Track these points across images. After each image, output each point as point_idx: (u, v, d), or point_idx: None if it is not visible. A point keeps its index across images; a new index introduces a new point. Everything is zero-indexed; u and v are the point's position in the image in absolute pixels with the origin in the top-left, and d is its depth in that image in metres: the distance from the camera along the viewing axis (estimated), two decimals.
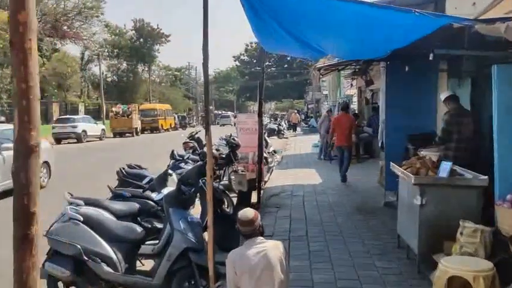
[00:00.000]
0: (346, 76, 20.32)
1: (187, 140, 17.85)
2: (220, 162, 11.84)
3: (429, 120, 8.39)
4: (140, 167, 8.99)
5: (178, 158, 10.08)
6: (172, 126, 49.03)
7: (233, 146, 11.61)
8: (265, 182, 12.32)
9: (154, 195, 6.55)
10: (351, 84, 19.42)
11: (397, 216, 6.99)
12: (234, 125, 13.88)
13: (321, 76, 19.34)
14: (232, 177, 10.38)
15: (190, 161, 9.21)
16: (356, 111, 17.98)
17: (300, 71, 69.75)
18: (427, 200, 4.81)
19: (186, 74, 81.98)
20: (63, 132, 30.01)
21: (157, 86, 65.47)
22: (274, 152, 19.63)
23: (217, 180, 11.73)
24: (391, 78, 8.50)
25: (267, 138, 19.08)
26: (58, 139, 29.44)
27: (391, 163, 5.81)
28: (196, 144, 17.72)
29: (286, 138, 33.65)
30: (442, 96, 6.70)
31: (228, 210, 8.15)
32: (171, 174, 6.75)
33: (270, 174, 13.77)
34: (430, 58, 5.63)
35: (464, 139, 6.12)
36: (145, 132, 43.57)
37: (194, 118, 66.78)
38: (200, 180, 7.09)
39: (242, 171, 11.70)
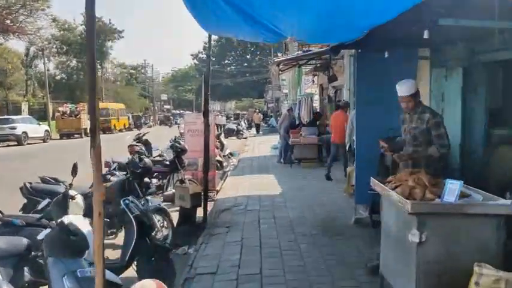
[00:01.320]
0: (307, 72, 18.98)
1: (133, 143, 16.11)
2: (164, 170, 10.18)
3: None
4: (57, 181, 7.23)
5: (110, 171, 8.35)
6: (127, 126, 46.80)
7: (178, 151, 9.99)
8: (217, 191, 10.75)
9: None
10: (312, 81, 18.07)
11: (372, 240, 5.58)
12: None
13: (280, 72, 17.95)
14: (173, 190, 8.75)
15: (117, 173, 7.50)
16: (318, 110, 16.59)
17: (260, 70, 68.67)
18: (428, 236, 3.36)
19: (142, 73, 79.26)
20: (0, 134, 27.42)
21: (111, 85, 62.60)
22: (231, 154, 18.09)
23: (159, 193, 10.11)
24: (361, 70, 7.06)
25: (223, 139, 17.55)
26: None
27: (372, 179, 4.33)
28: (143, 148, 15.99)
29: (245, 138, 32.14)
30: (405, 88, 4.77)
31: (161, 235, 6.53)
32: (73, 197, 5.05)
33: (224, 181, 12.21)
34: (425, 36, 4.20)
35: None
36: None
37: (151, 118, 64.37)
38: (122, 201, 5.47)
39: (190, 180, 10.10)
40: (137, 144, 17.01)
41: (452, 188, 3.40)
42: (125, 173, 6.52)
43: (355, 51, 7.25)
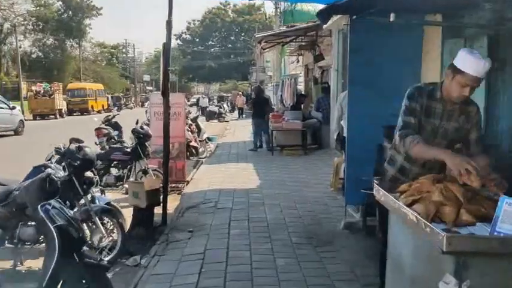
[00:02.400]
0: (292, 52, 17.64)
1: (101, 126, 14.73)
2: (124, 158, 8.84)
3: None
4: None
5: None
6: (105, 107, 45.06)
7: (140, 137, 8.66)
8: (187, 183, 9.46)
9: None
10: (297, 60, 16.73)
11: (368, 253, 4.43)
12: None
13: (262, 50, 16.60)
14: (126, 186, 7.43)
15: (54, 165, 6.11)
16: (302, 92, 15.28)
17: (244, 51, 67.16)
18: (473, 286, 2.12)
19: (123, 52, 77.02)
20: None
21: (90, 65, 60.46)
22: (208, 139, 16.76)
23: (119, 184, 8.77)
24: (356, 43, 5.77)
25: (200, 123, 16.23)
26: None
27: (376, 186, 3.06)
28: (112, 131, 14.63)
29: (227, 122, 30.79)
30: (486, 64, 2.86)
31: (108, 242, 5.27)
32: None
33: (197, 170, 10.91)
34: None
35: None
36: (75, 114, 39.57)
37: (132, 99, 62.50)
38: (40, 207, 4.15)
39: (155, 170, 8.81)
40: (105, 127, 15.62)
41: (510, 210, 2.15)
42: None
43: (348, 21, 5.94)
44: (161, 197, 6.30)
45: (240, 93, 49.92)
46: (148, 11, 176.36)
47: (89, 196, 5.57)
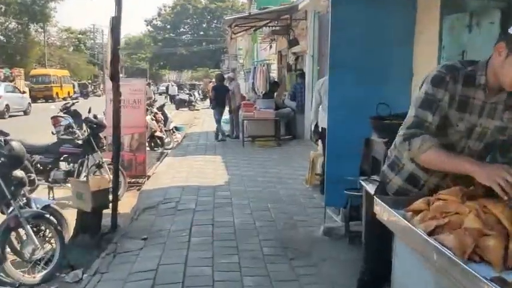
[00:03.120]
0: (264, 37, 16.75)
1: (59, 114, 13.60)
2: (75, 151, 7.84)
3: (401, 91, 4.95)
4: None
5: None
6: (71, 94, 43.30)
7: (94, 127, 7.68)
8: (148, 177, 8.54)
9: None
10: (270, 46, 15.84)
11: (352, 267, 3.70)
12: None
13: (233, 35, 15.65)
14: (69, 185, 6.46)
15: None
16: (275, 80, 14.41)
17: (217, 39, 65.95)
18: None
19: (91, 38, 74.57)
20: None
21: (56, 50, 58.15)
22: (176, 129, 15.79)
23: (69, 181, 7.80)
24: (339, 18, 4.96)
25: (167, 112, 15.24)
26: None
27: (378, 201, 2.24)
28: (70, 120, 13.55)
29: (198, 110, 29.76)
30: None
31: (42, 254, 4.37)
32: None
33: (160, 162, 9.98)
34: None
35: None
36: (38, 101, 37.78)
37: (100, 86, 60.51)
38: None
39: (110, 164, 7.85)
40: (63, 115, 14.50)
41: None
42: None
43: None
44: (111, 197, 5.38)
45: (213, 80, 48.90)
46: None
47: (22, 199, 4.66)
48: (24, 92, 27.68)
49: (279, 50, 16.12)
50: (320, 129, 6.70)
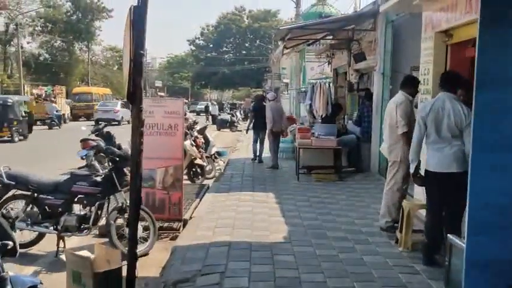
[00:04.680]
0: (319, 52, 14.91)
1: (90, 137, 12.24)
2: (92, 192, 6.16)
3: None
4: None
5: None
6: None
7: (116, 160, 6.01)
8: (184, 222, 6.81)
9: None
10: (329, 63, 13.95)
11: None
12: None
13: (285, 49, 13.92)
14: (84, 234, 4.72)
15: None
16: (336, 101, 12.45)
17: (259, 58, 64.78)
18: None
19: None
20: None
21: (100, 68, 58.35)
22: (218, 154, 14.07)
23: (84, 229, 6.08)
24: (488, 26, 3.07)
25: (208, 135, 13.59)
26: None
27: None
28: (102, 144, 12.10)
29: (240, 131, 28.14)
30: None
31: None
32: None
33: (200, 200, 8.24)
34: None
35: None
36: (80, 119, 37.29)
37: None
38: None
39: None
40: (94, 138, 13.04)
41: None
42: None
43: None
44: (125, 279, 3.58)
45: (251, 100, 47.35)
46: (163, 15, 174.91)
47: None
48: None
49: (334, 68, 14.24)
50: (424, 173, 4.77)
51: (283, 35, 10.98)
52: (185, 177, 10.63)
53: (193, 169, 10.70)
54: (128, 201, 5.76)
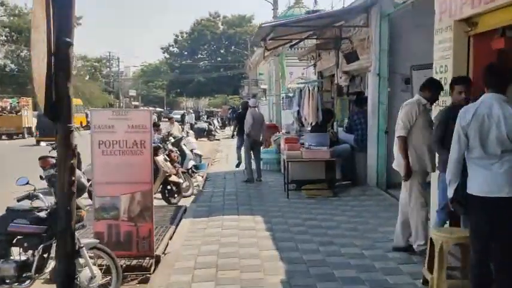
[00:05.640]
0: (301, 55, 13.83)
1: (49, 154, 10.85)
2: (34, 232, 4.84)
3: None
4: None
5: None
6: (84, 124, 40.95)
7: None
8: (156, 260, 5.58)
9: None
10: (315, 65, 12.84)
11: None
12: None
13: (266, 51, 12.77)
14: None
15: None
16: (329, 107, 11.28)
17: (235, 65, 63.78)
18: None
19: (107, 66, 73.04)
20: None
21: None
22: (196, 168, 12.86)
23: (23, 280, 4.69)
24: None
25: (184, 147, 12.37)
26: None
27: None
28: None
29: (218, 140, 26.90)
30: None
31: None
32: None
33: (176, 228, 7.01)
34: None
35: None
36: None
37: None
38: None
39: (96, 249, 4.95)
40: (54, 156, 11.61)
41: None
42: None
43: None
44: None
45: (229, 107, 46.08)
46: (135, 22, 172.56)
47: None
48: None
49: (319, 71, 13.14)
50: (467, 198, 3.65)
51: (264, 35, 9.83)
52: (159, 196, 9.43)
53: (168, 187, 9.46)
54: (82, 243, 4.55)
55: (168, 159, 9.72)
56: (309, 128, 9.96)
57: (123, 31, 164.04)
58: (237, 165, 12.53)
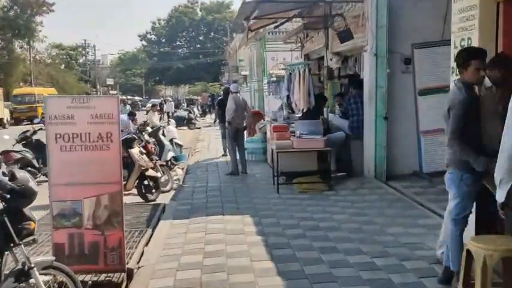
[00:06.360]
0: (287, 37, 12.93)
1: (12, 148, 9.94)
2: None
3: None
4: None
5: None
6: None
7: (7, 199, 3.77)
8: (129, 275, 4.69)
9: None
10: (302, 46, 11.92)
11: None
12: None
13: (250, 32, 11.86)
14: None
15: None
16: (321, 91, 10.38)
17: (215, 51, 62.63)
18: None
19: (83, 54, 71.06)
20: None
21: (44, 67, 54.33)
22: (175, 160, 11.93)
23: None
24: None
25: (163, 138, 11.44)
26: None
27: None
28: (30, 156, 9.89)
29: (199, 128, 25.91)
30: None
31: None
32: None
33: (152, 231, 6.11)
34: None
35: None
36: (23, 123, 34.00)
37: None
38: None
39: (51, 269, 4.00)
40: (18, 150, 10.73)
41: None
42: None
43: None
44: None
45: (209, 94, 44.87)
46: (112, 9, 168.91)
47: None
48: None
49: (306, 53, 12.26)
50: None
51: (248, 13, 8.88)
52: (135, 193, 8.55)
53: (145, 183, 8.56)
54: (33, 261, 3.64)
55: (144, 151, 8.81)
56: (299, 115, 9.09)
57: (99, 19, 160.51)
58: (224, 155, 12.04)
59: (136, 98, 67.06)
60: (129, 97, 67.95)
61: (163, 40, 71.25)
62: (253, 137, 12.08)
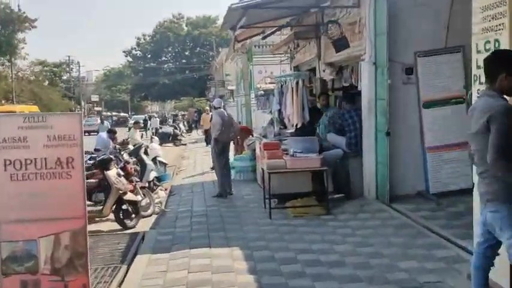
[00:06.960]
0: (276, 48, 12.27)
1: None
2: None
3: None
4: None
5: None
6: None
7: None
8: None
9: None
10: (293, 57, 11.24)
11: None
12: None
13: (237, 43, 11.16)
14: None
15: None
16: (315, 104, 9.65)
17: (200, 66, 62.14)
18: None
19: (67, 71, 70.05)
20: None
21: (27, 84, 53.23)
22: (158, 180, 11.13)
23: None
24: None
25: (145, 157, 10.64)
26: None
27: None
28: None
29: (185, 145, 25.14)
30: None
31: None
32: None
33: (127, 270, 5.28)
34: None
35: None
36: None
37: None
38: None
39: None
40: None
41: None
42: None
43: None
44: None
45: (195, 110, 44.03)
46: (95, 26, 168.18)
47: None
48: None
49: (295, 65, 11.58)
50: None
51: (234, 22, 8.19)
52: (112, 218, 7.78)
53: (124, 207, 7.79)
54: None
55: (122, 173, 8.02)
56: (291, 130, 8.36)
57: (84, 35, 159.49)
58: (212, 168, 10.89)
59: (122, 114, 66.14)
60: (114, 113, 67.10)
61: (149, 56, 70.71)
62: (242, 155, 11.34)
